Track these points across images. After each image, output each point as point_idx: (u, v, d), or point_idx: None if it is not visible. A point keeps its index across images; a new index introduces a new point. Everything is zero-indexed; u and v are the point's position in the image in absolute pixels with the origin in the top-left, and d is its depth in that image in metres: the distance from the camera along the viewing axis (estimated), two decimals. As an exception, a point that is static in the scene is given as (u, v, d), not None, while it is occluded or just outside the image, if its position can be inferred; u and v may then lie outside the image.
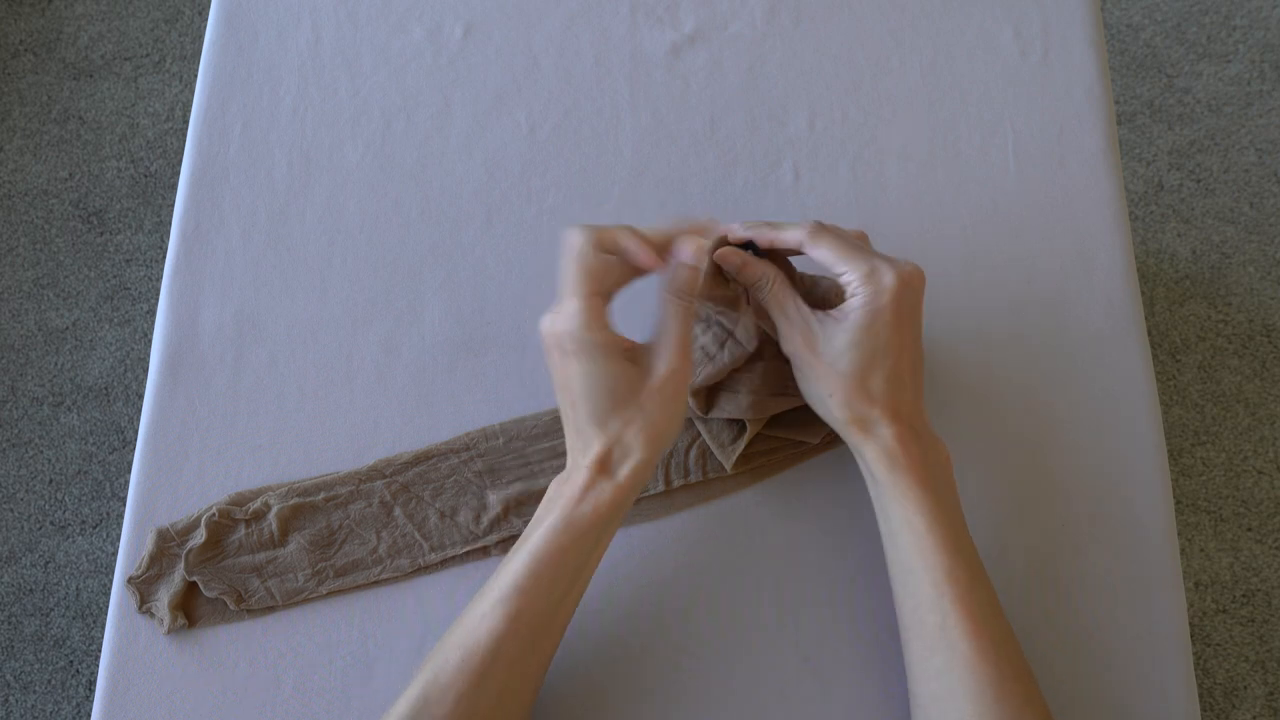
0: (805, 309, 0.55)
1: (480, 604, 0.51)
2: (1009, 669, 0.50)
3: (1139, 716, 0.58)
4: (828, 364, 0.53)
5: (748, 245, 0.57)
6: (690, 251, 0.52)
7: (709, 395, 0.61)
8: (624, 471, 0.51)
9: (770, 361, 0.60)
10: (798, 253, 0.57)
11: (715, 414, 0.61)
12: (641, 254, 0.52)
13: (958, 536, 0.52)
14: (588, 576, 0.54)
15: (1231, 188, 1.46)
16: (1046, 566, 0.61)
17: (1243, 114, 1.50)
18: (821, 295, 0.58)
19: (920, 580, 0.52)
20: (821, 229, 0.54)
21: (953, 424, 0.63)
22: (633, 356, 0.52)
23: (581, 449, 0.52)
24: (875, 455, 0.53)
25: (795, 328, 0.54)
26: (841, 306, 0.54)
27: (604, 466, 0.51)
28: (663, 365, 0.52)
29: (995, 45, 0.74)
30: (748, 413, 0.60)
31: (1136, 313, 0.67)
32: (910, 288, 0.53)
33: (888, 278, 0.52)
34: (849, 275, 0.53)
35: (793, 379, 0.58)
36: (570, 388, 0.52)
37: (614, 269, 0.52)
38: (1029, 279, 0.68)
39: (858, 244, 0.55)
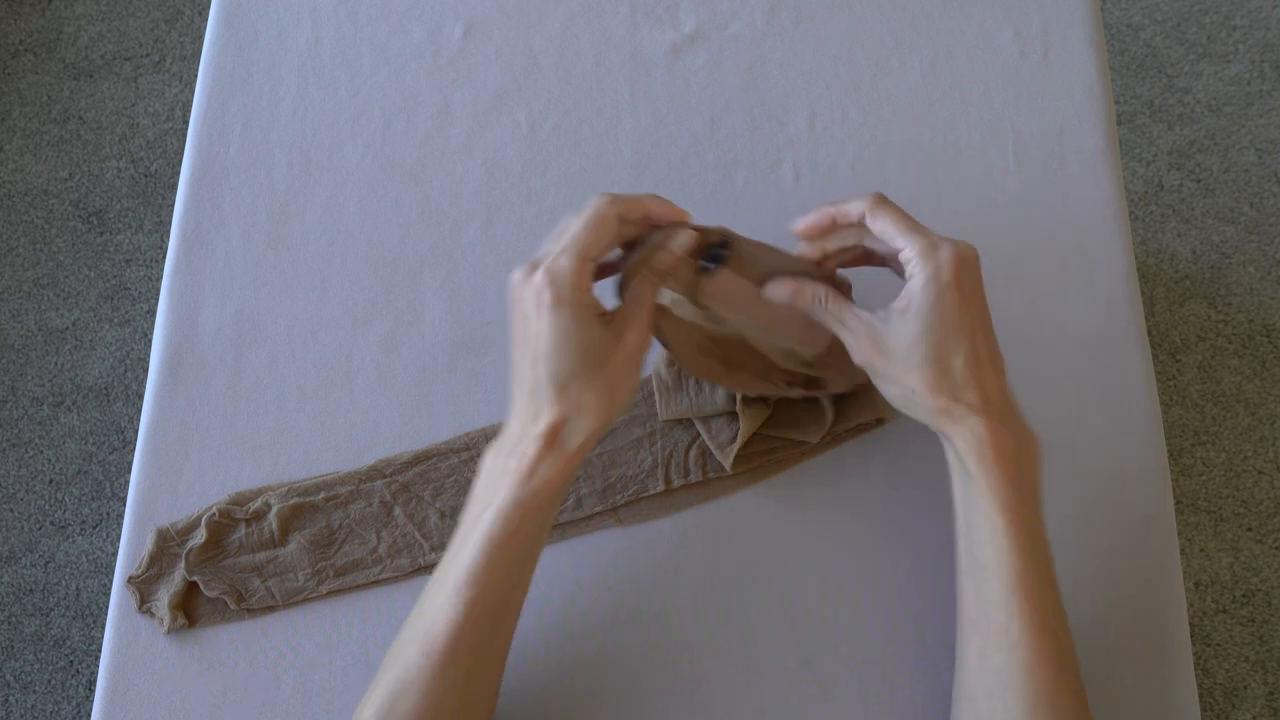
0: (864, 314, 0.53)
1: (436, 595, 0.50)
2: (1068, 678, 0.49)
3: (1139, 716, 0.58)
4: (902, 360, 0.51)
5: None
6: (681, 240, 0.52)
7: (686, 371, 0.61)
8: (575, 442, 0.50)
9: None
10: (847, 262, 0.55)
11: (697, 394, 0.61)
12: (667, 216, 0.52)
13: (1034, 537, 0.50)
14: (540, 550, 0.53)
15: (1231, 188, 1.46)
16: (1046, 566, 0.61)
17: (1243, 114, 1.50)
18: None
19: (991, 577, 0.50)
20: (883, 201, 0.53)
21: (953, 424, 0.63)
22: (605, 322, 0.51)
23: (531, 415, 0.50)
24: (966, 447, 0.50)
25: (859, 336, 0.52)
26: (903, 292, 0.51)
27: (554, 437, 0.49)
28: (632, 335, 0.51)
29: (995, 45, 0.74)
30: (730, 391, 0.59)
31: (1136, 313, 0.67)
32: (968, 263, 0.50)
33: (946, 252, 0.50)
34: (908, 251, 0.51)
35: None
36: (537, 343, 0.50)
37: (614, 240, 0.51)
38: (1029, 279, 0.68)
39: (916, 221, 0.53)
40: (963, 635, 0.53)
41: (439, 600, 0.50)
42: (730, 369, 0.59)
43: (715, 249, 0.53)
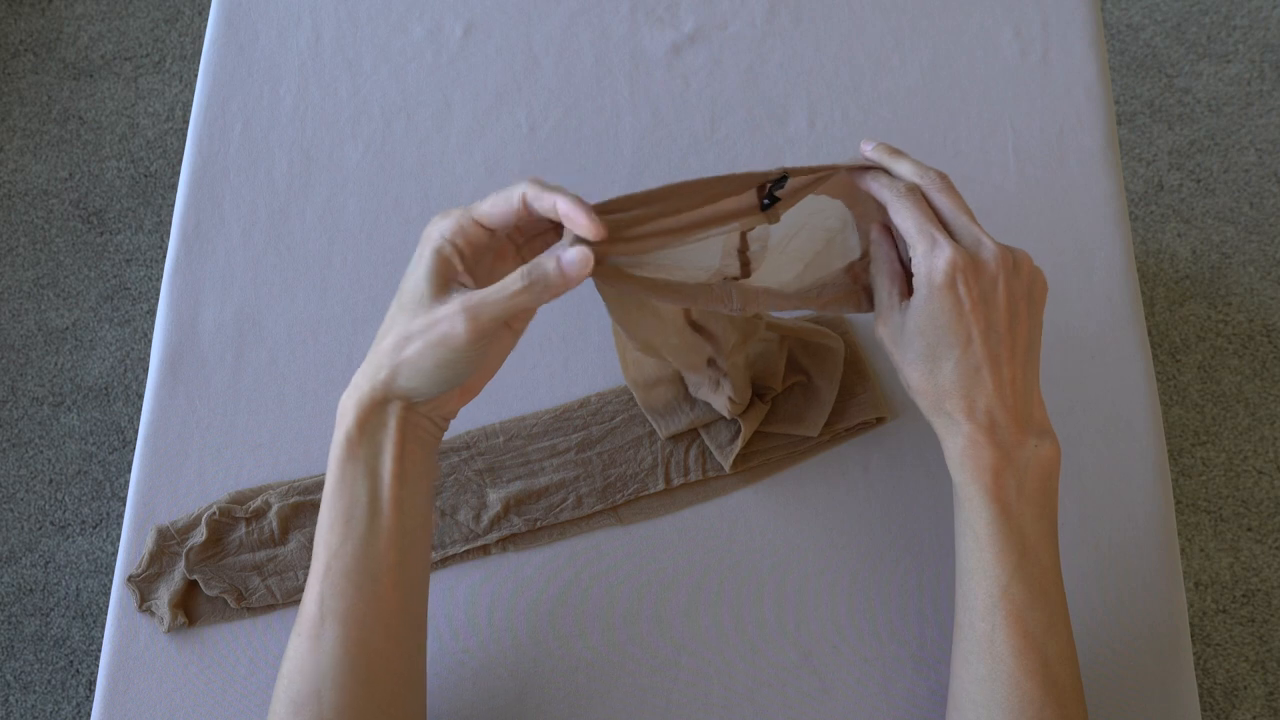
0: (894, 295, 0.52)
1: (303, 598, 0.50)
2: (1054, 691, 0.49)
3: (1139, 716, 0.58)
4: (903, 351, 0.51)
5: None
6: (575, 257, 0.46)
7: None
8: (374, 371, 0.48)
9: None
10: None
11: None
12: (574, 219, 0.46)
13: (1024, 551, 0.49)
14: (379, 512, 0.49)
15: (1231, 188, 1.46)
16: (1046, 566, 0.61)
17: (1243, 114, 1.50)
18: None
19: (976, 586, 0.50)
20: (913, 192, 0.51)
21: (953, 423, 0.64)
22: (449, 288, 0.47)
23: (371, 371, 0.48)
24: (949, 453, 0.51)
25: (882, 315, 0.52)
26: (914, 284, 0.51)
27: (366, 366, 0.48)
28: (447, 308, 0.46)
29: (995, 45, 0.74)
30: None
31: (1136, 313, 0.67)
32: (975, 272, 0.48)
33: (940, 259, 0.48)
34: (913, 251, 0.50)
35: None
36: (413, 274, 0.47)
37: (510, 217, 0.48)
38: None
39: (957, 214, 0.50)
40: (954, 640, 0.53)
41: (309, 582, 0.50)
42: (662, 321, 0.56)
43: (774, 184, 0.51)
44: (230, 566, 0.61)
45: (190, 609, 0.61)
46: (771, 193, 0.50)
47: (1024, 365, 0.50)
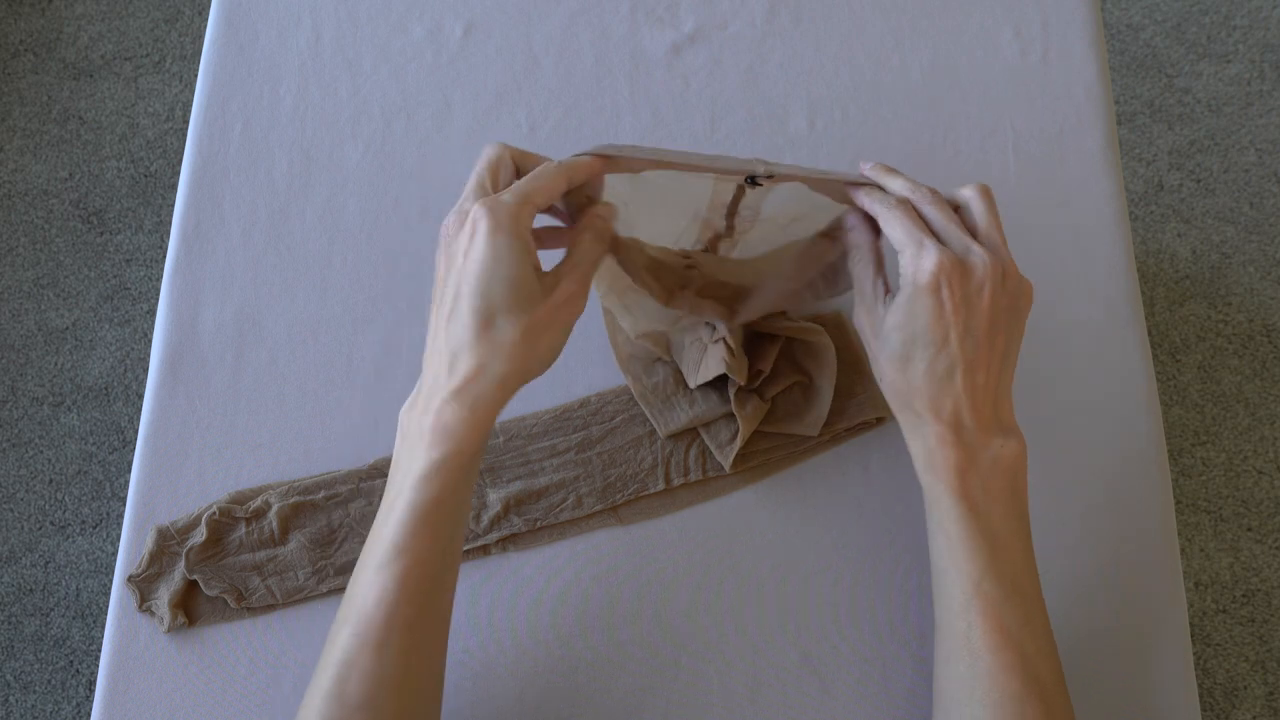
0: (878, 288, 0.53)
1: (363, 574, 0.48)
2: (1034, 686, 0.49)
3: (1139, 716, 0.58)
4: (880, 344, 0.51)
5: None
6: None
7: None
8: (487, 396, 0.47)
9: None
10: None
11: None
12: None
13: (995, 548, 0.50)
14: (467, 511, 0.51)
15: (1231, 188, 1.46)
16: (1046, 566, 0.60)
17: (1243, 114, 1.50)
18: None
19: (950, 585, 0.51)
20: (903, 204, 0.51)
21: (953, 423, 0.64)
22: (539, 270, 0.49)
23: (447, 365, 0.48)
24: (915, 452, 0.52)
25: (864, 305, 0.53)
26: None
27: (468, 392, 0.47)
28: (566, 285, 0.49)
29: (995, 45, 0.74)
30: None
31: (1136, 313, 0.67)
32: (958, 277, 0.49)
33: (928, 260, 0.49)
34: (902, 256, 0.50)
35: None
36: (464, 274, 0.47)
37: (557, 195, 0.50)
38: (1029, 279, 0.68)
39: (947, 224, 0.51)
40: (935, 641, 0.53)
41: (366, 577, 0.48)
42: (670, 291, 0.59)
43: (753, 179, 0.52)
44: (230, 566, 0.61)
45: (190, 609, 0.61)
46: (754, 179, 0.52)
47: (998, 372, 0.51)
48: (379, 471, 0.64)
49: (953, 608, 0.50)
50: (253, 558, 0.62)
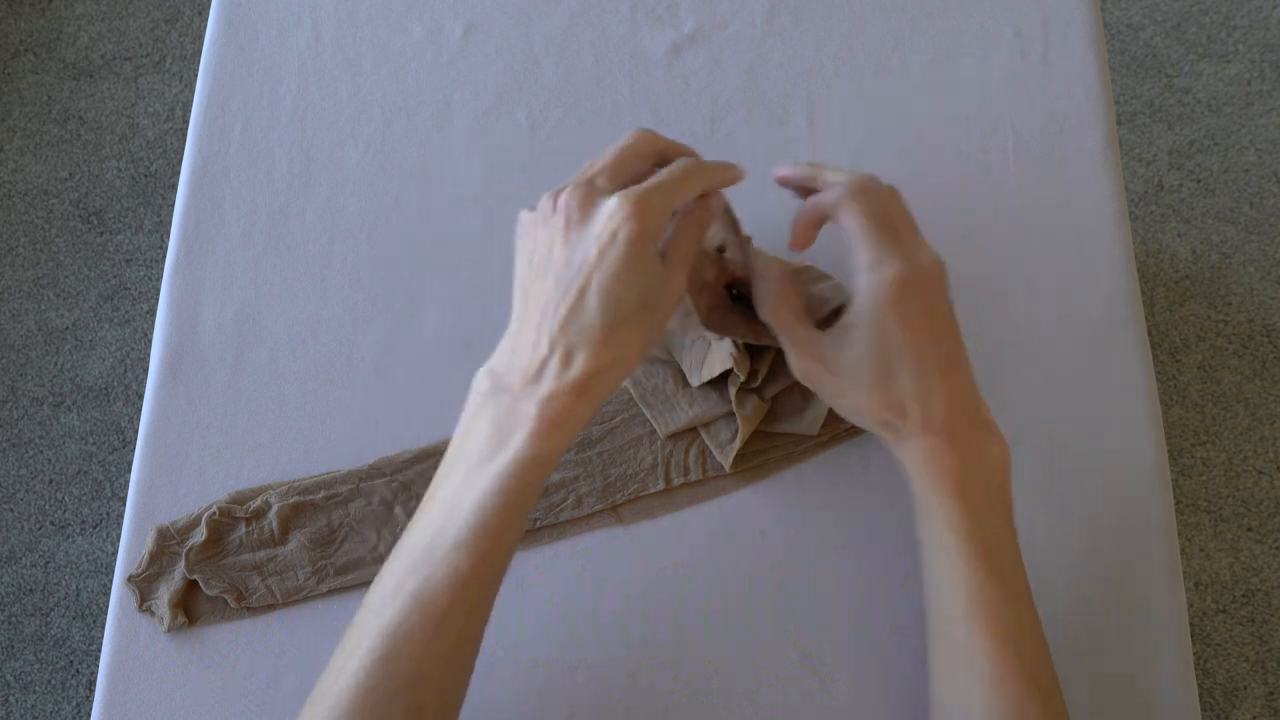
0: (812, 331, 0.51)
1: (436, 547, 0.45)
2: (1036, 690, 0.48)
3: (1139, 716, 0.58)
4: (851, 379, 0.50)
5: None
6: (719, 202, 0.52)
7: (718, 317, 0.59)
8: (603, 392, 0.46)
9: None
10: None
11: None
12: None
13: (994, 551, 0.49)
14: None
15: (1231, 188, 1.46)
16: (1045, 566, 0.61)
17: (1243, 114, 1.50)
18: (821, 299, 0.57)
19: (949, 594, 0.50)
20: (859, 195, 0.50)
21: (953, 423, 0.64)
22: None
23: (562, 355, 0.45)
24: (911, 466, 0.51)
25: (806, 351, 0.51)
26: (851, 308, 0.50)
27: (587, 389, 0.45)
28: (677, 282, 0.48)
29: (995, 45, 0.74)
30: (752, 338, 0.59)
31: (1136, 313, 0.67)
32: (915, 283, 0.49)
33: (887, 272, 0.48)
34: (858, 263, 0.50)
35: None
36: (602, 272, 0.45)
37: (690, 199, 0.50)
38: (1029, 279, 0.68)
39: (889, 223, 0.50)
40: (930, 650, 0.52)
41: (440, 553, 0.45)
42: (709, 310, 0.58)
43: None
44: (230, 566, 0.61)
45: (190, 609, 0.61)
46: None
47: (968, 370, 0.51)
48: (379, 471, 0.64)
49: (952, 615, 0.50)
50: (253, 558, 0.62)
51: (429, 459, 0.64)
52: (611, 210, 0.45)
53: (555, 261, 0.47)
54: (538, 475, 0.46)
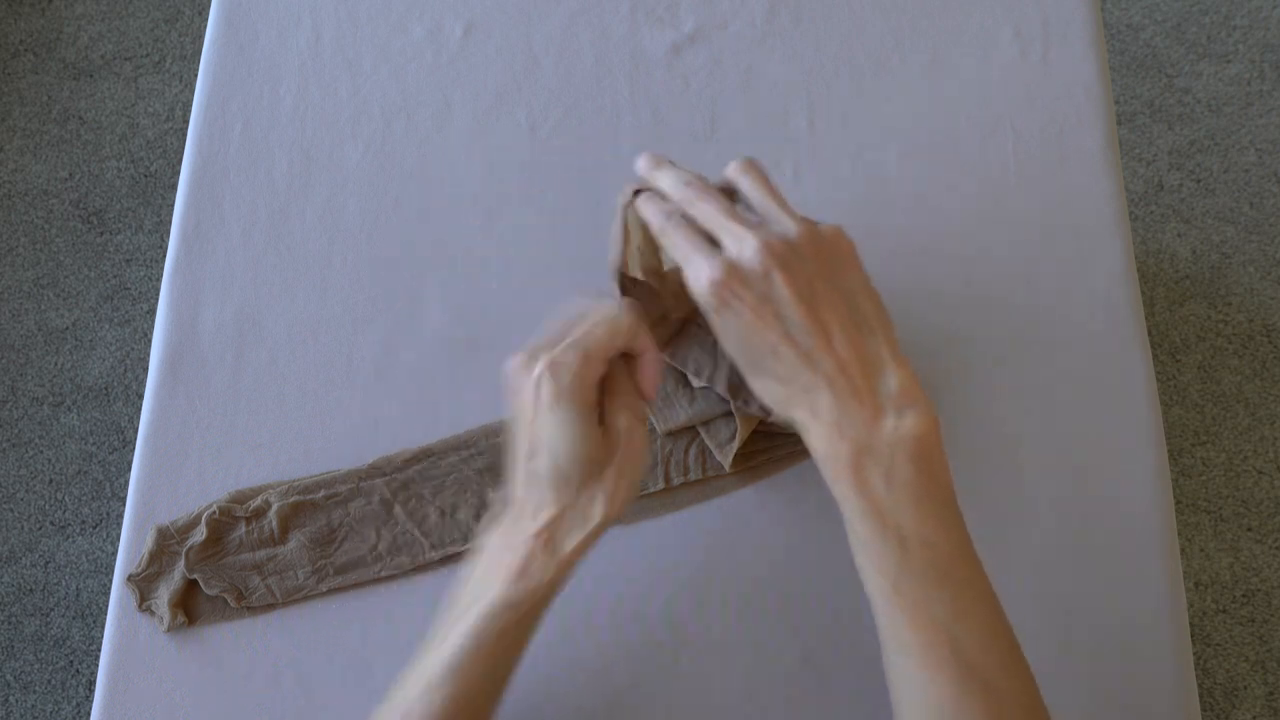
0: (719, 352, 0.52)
1: (414, 686, 0.48)
2: (972, 679, 0.45)
3: (1139, 717, 0.58)
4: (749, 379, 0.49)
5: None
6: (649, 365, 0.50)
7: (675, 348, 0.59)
8: (570, 543, 0.48)
9: None
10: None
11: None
12: (648, 378, 0.50)
13: (907, 540, 0.45)
14: (526, 646, 0.51)
15: (1231, 188, 1.46)
16: (1046, 566, 0.61)
17: (1243, 114, 1.50)
18: None
19: (871, 586, 0.47)
20: (675, 216, 0.48)
21: (953, 424, 0.63)
22: (600, 416, 0.49)
23: (532, 510, 0.49)
24: (817, 458, 0.48)
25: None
26: None
27: (549, 536, 0.48)
28: (623, 421, 0.49)
29: (995, 45, 0.74)
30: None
31: (1136, 313, 0.67)
32: (739, 278, 0.45)
33: (701, 279, 0.46)
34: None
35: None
36: (535, 437, 0.48)
37: (625, 348, 0.50)
38: (1028, 279, 0.68)
39: (717, 214, 0.47)
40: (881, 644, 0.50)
41: (416, 692, 0.48)
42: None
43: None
44: (230, 566, 0.61)
45: (190, 608, 0.61)
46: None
47: (860, 342, 0.46)
48: (379, 471, 0.64)
49: (880, 606, 0.47)
50: (253, 557, 0.62)
51: (429, 458, 0.64)
52: (535, 375, 0.48)
53: (515, 424, 0.50)
54: (507, 619, 0.48)
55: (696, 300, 0.47)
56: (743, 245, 0.46)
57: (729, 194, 0.51)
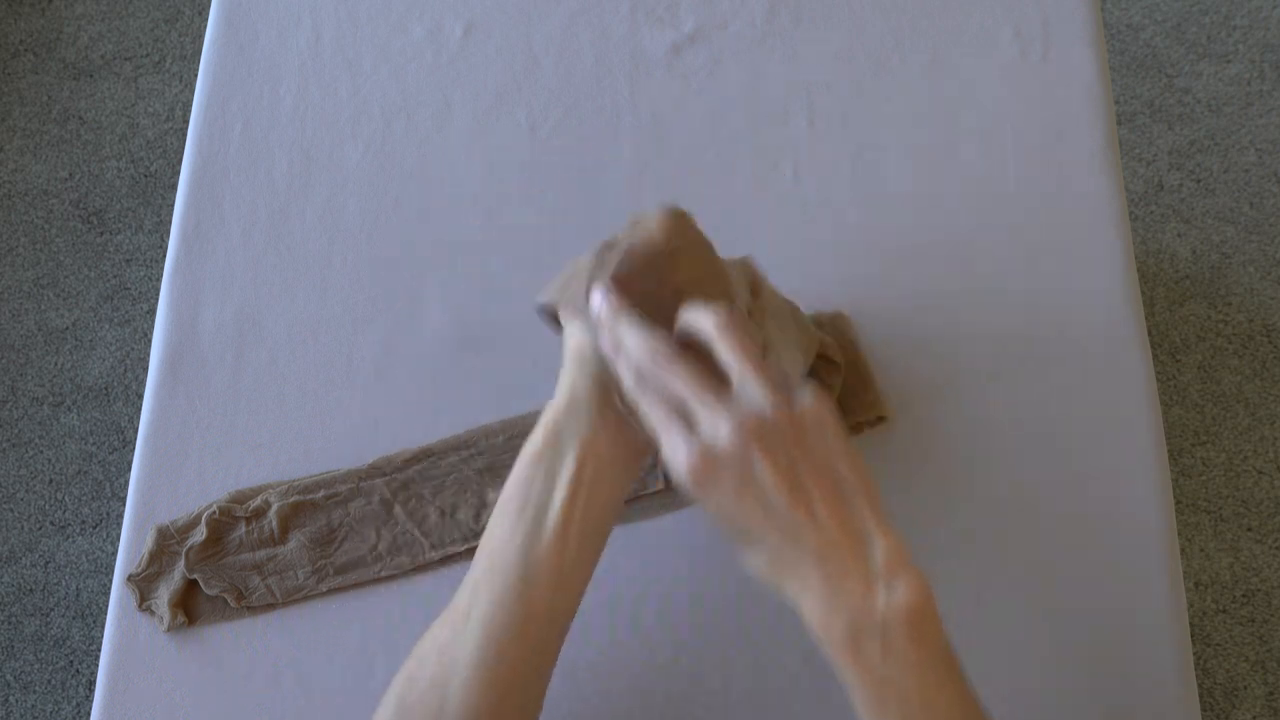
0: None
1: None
2: None
3: (1139, 716, 0.58)
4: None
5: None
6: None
7: None
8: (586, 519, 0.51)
9: None
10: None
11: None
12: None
13: (909, 708, 0.44)
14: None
15: (1231, 188, 1.46)
16: (1046, 566, 0.61)
17: (1243, 114, 1.50)
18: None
19: None
20: (644, 383, 0.47)
21: (953, 424, 0.63)
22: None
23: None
24: (810, 632, 0.46)
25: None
26: None
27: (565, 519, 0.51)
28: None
29: (995, 45, 0.74)
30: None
31: (1136, 313, 0.67)
32: (714, 466, 0.44)
33: (677, 464, 0.45)
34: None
35: None
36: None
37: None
38: (1028, 279, 0.68)
39: (694, 390, 0.45)
40: None
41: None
42: None
43: None
44: (230, 566, 0.61)
45: (190, 608, 0.61)
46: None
47: (842, 514, 0.44)
48: (378, 471, 0.64)
49: None
50: (253, 557, 0.62)
51: (429, 458, 0.64)
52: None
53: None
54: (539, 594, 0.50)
55: (681, 483, 0.45)
56: (718, 426, 0.44)
57: (694, 345, 0.48)
